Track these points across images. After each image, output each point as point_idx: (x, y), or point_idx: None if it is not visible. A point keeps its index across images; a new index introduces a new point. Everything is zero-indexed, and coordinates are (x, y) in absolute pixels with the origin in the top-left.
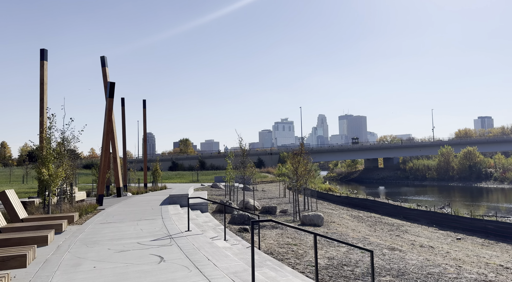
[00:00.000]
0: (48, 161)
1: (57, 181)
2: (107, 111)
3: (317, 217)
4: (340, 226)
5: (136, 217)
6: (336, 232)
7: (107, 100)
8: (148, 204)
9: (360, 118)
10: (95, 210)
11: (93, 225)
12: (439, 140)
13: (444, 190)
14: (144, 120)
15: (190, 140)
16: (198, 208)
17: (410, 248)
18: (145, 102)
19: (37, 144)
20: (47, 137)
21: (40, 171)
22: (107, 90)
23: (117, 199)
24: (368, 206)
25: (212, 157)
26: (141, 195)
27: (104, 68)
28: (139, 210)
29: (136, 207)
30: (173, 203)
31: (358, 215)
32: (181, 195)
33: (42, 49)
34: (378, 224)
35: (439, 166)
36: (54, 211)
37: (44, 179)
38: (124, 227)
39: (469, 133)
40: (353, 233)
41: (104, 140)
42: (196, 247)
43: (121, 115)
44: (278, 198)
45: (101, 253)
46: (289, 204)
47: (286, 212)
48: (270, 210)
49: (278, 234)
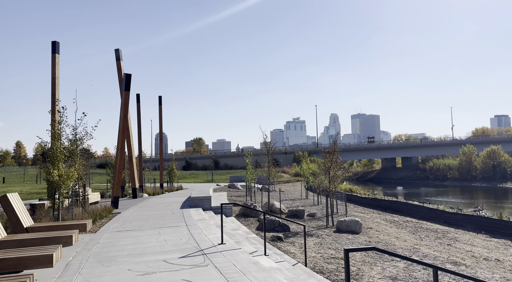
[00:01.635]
0: (58, 160)
1: (68, 183)
2: (123, 105)
3: (355, 223)
4: (380, 233)
5: (157, 224)
6: (380, 241)
7: (123, 94)
8: (167, 207)
9: (373, 117)
10: (110, 214)
11: (108, 234)
12: (457, 139)
13: (467, 191)
14: (160, 117)
15: (203, 139)
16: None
17: (473, 262)
18: (161, 99)
19: (45, 140)
20: (57, 133)
21: (49, 172)
22: (123, 82)
23: (133, 201)
24: (400, 209)
25: (226, 157)
26: (157, 197)
27: (118, 61)
28: (158, 214)
29: (155, 210)
30: (194, 206)
31: (392, 219)
32: (203, 197)
33: (53, 41)
34: (420, 231)
35: (461, 165)
36: (64, 216)
37: (54, 180)
38: (144, 237)
39: (487, 132)
40: (399, 242)
41: (119, 137)
42: (240, 270)
43: (136, 112)
44: (300, 200)
45: (120, 277)
46: (314, 206)
47: (314, 215)
48: (298, 214)
49: (317, 244)
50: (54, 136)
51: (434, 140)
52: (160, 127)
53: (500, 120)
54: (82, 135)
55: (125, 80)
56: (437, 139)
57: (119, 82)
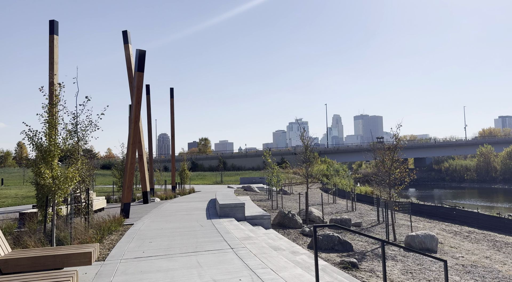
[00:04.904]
0: (51, 155)
1: (66, 187)
2: (135, 90)
3: (430, 238)
4: (459, 251)
5: (188, 245)
6: (473, 263)
7: (135, 75)
8: (191, 217)
9: (376, 118)
10: (120, 227)
11: (123, 264)
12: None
13: (486, 193)
14: (172, 111)
15: (209, 139)
16: (258, 222)
17: None
18: (172, 91)
19: (33, 128)
20: (51, 120)
21: (40, 172)
22: (135, 62)
23: (144, 207)
24: (451, 216)
25: (233, 157)
26: (172, 201)
27: (127, 45)
28: (183, 227)
29: (176, 221)
30: (224, 215)
31: (451, 229)
32: (235, 205)
33: (51, 20)
34: (504, 246)
35: (479, 166)
36: (61, 232)
37: (45, 184)
38: (178, 271)
39: (494, 132)
40: (498, 265)
41: (131, 129)
42: None
43: (146, 104)
44: (328, 205)
45: None
46: (350, 212)
47: (360, 225)
48: (343, 224)
49: (402, 271)
50: (51, 123)
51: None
52: (172, 122)
53: (504, 121)
54: (86, 125)
55: (137, 58)
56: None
57: (127, 70)
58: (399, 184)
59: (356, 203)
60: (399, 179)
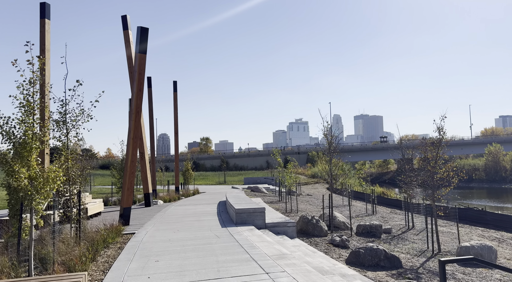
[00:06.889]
0: (28, 149)
1: (47, 191)
2: (137, 74)
3: (488, 250)
4: None
5: (206, 265)
6: None
7: (137, 58)
8: (201, 224)
9: (376, 118)
10: (119, 238)
11: None
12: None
13: (496, 193)
14: (175, 106)
15: (210, 139)
16: (281, 231)
17: None
18: (175, 84)
19: (4, 114)
20: (28, 103)
21: (12, 171)
22: (136, 41)
23: (147, 211)
24: (482, 220)
25: (235, 157)
26: (176, 204)
27: (126, 31)
28: (195, 238)
29: (186, 230)
30: (241, 222)
31: (492, 236)
32: (254, 210)
33: (42, 3)
34: None
35: (487, 166)
36: (44, 246)
37: (20, 187)
38: None
39: (496, 132)
40: None
41: (132, 122)
42: None
43: (148, 98)
44: (343, 207)
45: None
46: (368, 216)
47: (390, 232)
48: (374, 231)
49: None
50: (29, 107)
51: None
52: (175, 117)
53: (505, 120)
54: (76, 114)
55: (139, 37)
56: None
57: (127, 58)
58: (446, 186)
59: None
60: (446, 179)
